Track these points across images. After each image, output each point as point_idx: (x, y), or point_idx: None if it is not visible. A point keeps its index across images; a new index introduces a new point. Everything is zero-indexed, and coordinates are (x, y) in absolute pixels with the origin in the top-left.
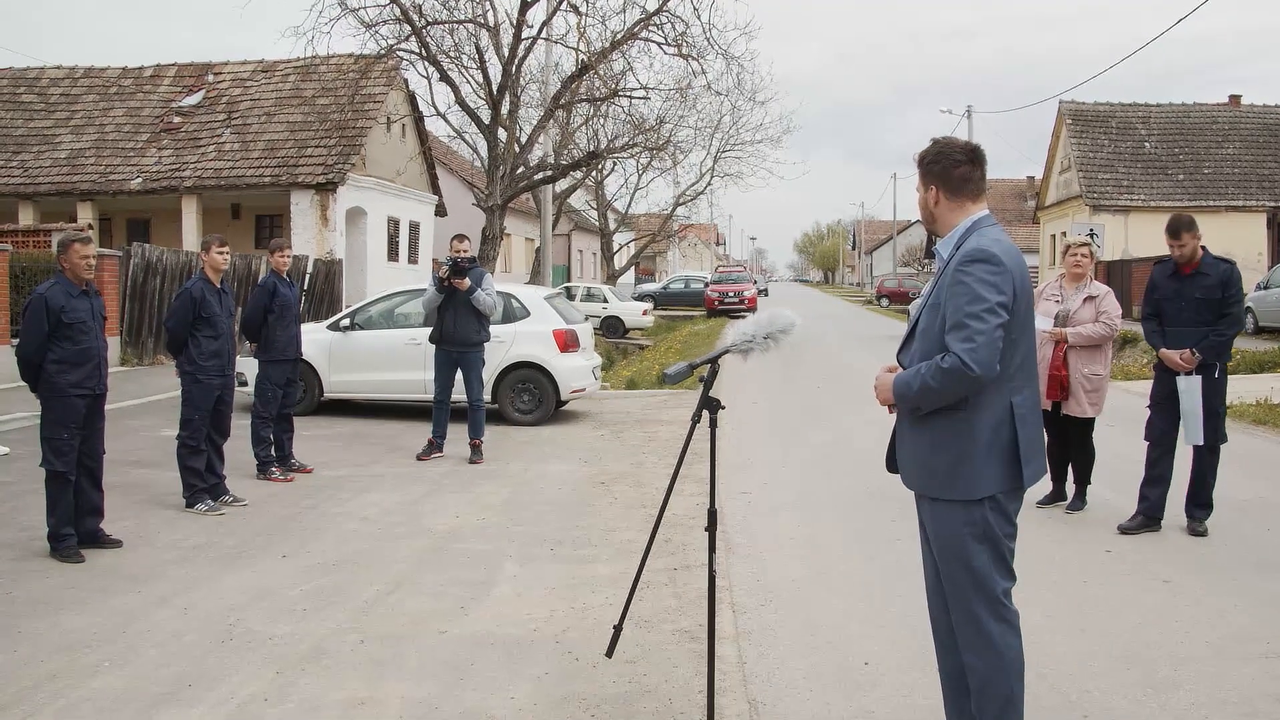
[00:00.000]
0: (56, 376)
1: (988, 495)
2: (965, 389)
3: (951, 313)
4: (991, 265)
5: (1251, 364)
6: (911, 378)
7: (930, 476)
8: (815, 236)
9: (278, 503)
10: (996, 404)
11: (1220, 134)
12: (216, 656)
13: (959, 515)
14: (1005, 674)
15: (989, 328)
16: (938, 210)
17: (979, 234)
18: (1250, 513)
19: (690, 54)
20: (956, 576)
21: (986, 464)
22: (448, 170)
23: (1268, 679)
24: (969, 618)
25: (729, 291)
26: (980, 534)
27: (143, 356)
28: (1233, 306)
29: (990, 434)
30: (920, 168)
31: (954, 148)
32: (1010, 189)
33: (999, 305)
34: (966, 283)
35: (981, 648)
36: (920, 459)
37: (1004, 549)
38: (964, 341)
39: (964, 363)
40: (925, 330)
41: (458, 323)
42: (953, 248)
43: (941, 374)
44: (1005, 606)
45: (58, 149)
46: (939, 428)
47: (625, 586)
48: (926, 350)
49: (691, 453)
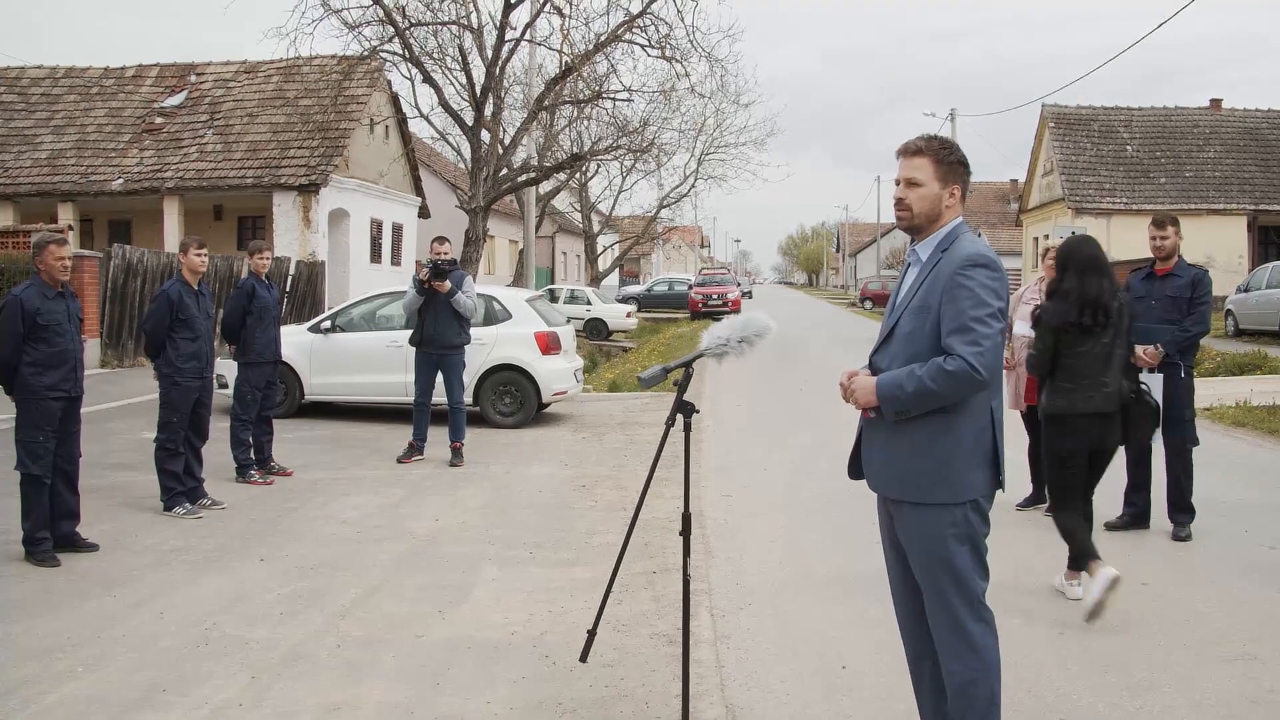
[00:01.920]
0: (32, 379)
1: (969, 499)
2: (968, 392)
3: (954, 316)
4: (992, 271)
5: (1231, 366)
6: (904, 380)
7: (910, 481)
8: (799, 239)
9: (257, 506)
10: (980, 408)
11: (1202, 137)
12: (192, 661)
13: (942, 518)
14: (986, 675)
15: (993, 332)
16: (947, 210)
17: (967, 238)
18: (1229, 515)
19: (674, 56)
20: (938, 579)
21: (970, 467)
22: (431, 172)
23: (1245, 681)
24: (950, 620)
25: (713, 294)
26: (962, 535)
27: (123, 359)
28: (1200, 306)
29: (974, 438)
30: (943, 163)
31: (963, 153)
32: (993, 192)
33: (1000, 311)
34: (970, 287)
35: (962, 650)
36: (898, 464)
37: (982, 549)
38: (970, 345)
39: (972, 366)
40: (912, 333)
41: (438, 325)
42: (935, 250)
43: (946, 377)
44: (984, 606)
45: (38, 149)
46: (922, 431)
47: (604, 590)
48: (913, 353)
49: (674, 456)
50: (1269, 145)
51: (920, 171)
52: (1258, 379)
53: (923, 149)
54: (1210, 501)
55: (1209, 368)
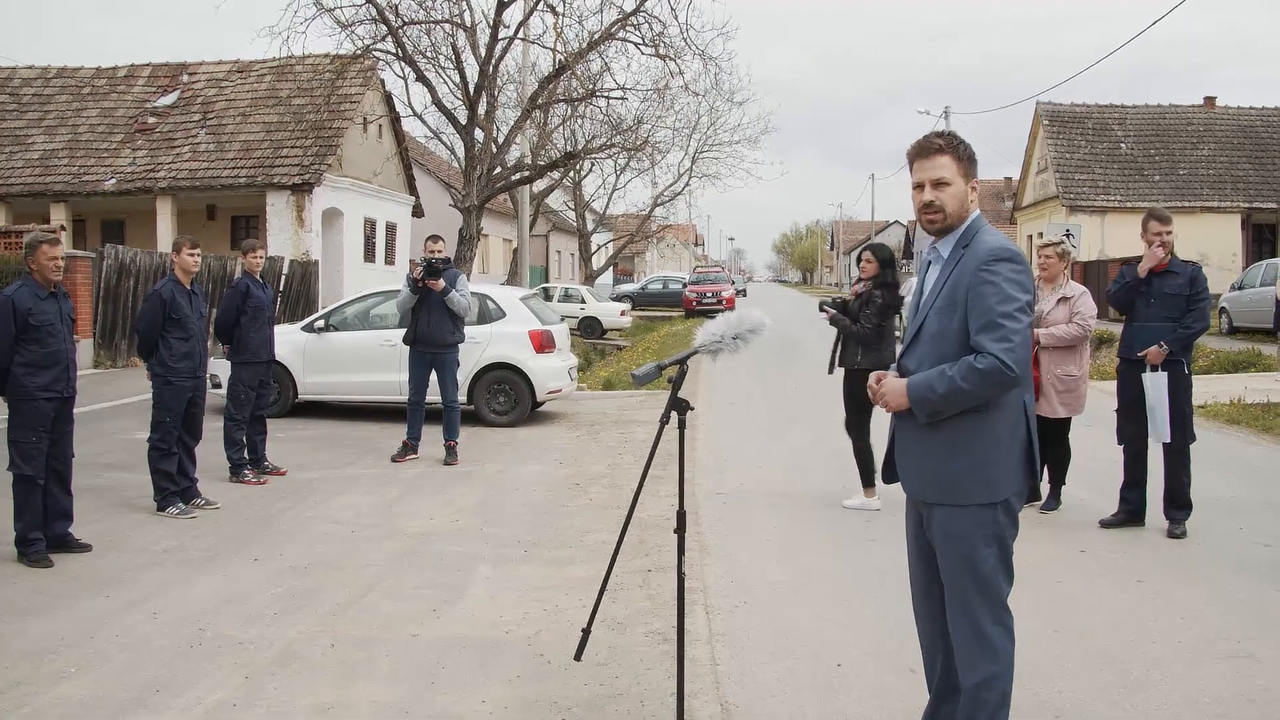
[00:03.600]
0: (24, 379)
1: (1003, 498)
2: (1002, 389)
3: (981, 312)
4: (1016, 264)
5: (1225, 364)
6: (936, 380)
7: (946, 482)
8: (794, 237)
9: (250, 505)
10: (1013, 404)
11: (1196, 135)
12: (185, 661)
13: (973, 518)
14: (1001, 676)
15: (1021, 327)
16: (971, 204)
17: (987, 232)
18: (1223, 512)
19: (667, 54)
20: (963, 580)
21: (1006, 465)
22: (425, 171)
23: (1240, 678)
24: (970, 622)
25: (707, 292)
26: (991, 536)
27: (116, 359)
28: (1199, 303)
29: (1009, 435)
30: (963, 158)
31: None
32: (988, 189)
33: (1027, 304)
34: (995, 282)
35: (980, 652)
36: (933, 465)
37: (1009, 551)
38: (1000, 341)
39: (1003, 363)
40: (940, 333)
41: (432, 324)
42: (956, 246)
43: (977, 375)
44: (1006, 610)
45: (30, 149)
46: (956, 432)
47: (599, 588)
48: (943, 353)
49: (669, 454)
50: (1263, 143)
51: (945, 170)
52: (1252, 376)
53: (944, 147)
54: (1205, 499)
55: (1204, 365)
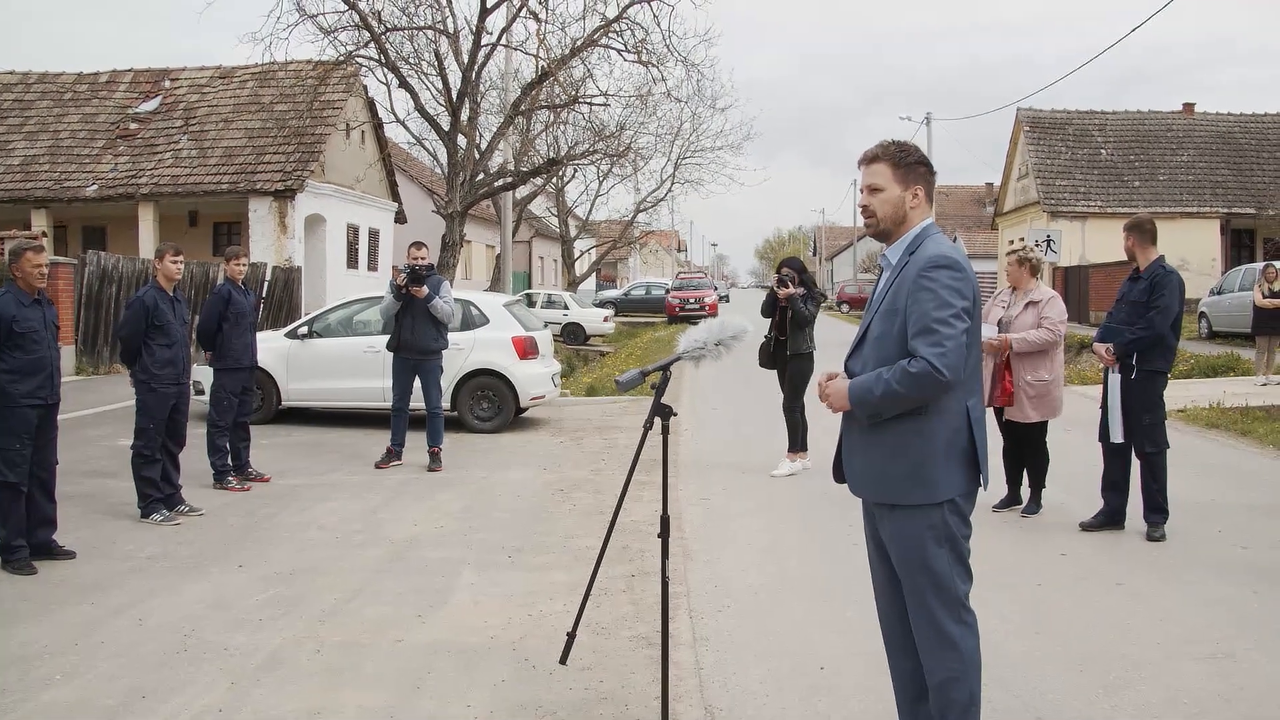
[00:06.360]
0: (8, 386)
1: (948, 499)
2: (933, 393)
3: (918, 318)
4: (956, 271)
5: (1205, 368)
6: (873, 383)
7: (888, 483)
8: (777, 242)
9: (234, 512)
10: (954, 408)
11: (1175, 141)
12: (171, 668)
13: (919, 519)
14: (966, 675)
15: (956, 333)
16: (912, 212)
17: (934, 240)
18: (1202, 515)
19: (650, 61)
20: (917, 581)
21: (946, 468)
22: (408, 177)
23: (1217, 678)
24: (930, 622)
25: (690, 298)
26: (940, 536)
27: (98, 365)
28: (1151, 310)
29: (949, 438)
30: (900, 165)
31: (923, 153)
32: (969, 195)
33: (964, 311)
34: (932, 288)
35: (942, 651)
36: (876, 467)
37: (963, 550)
38: (933, 346)
39: (934, 367)
40: (880, 337)
41: (415, 330)
42: (904, 253)
43: (910, 379)
44: (965, 609)
45: (11, 155)
46: (896, 434)
47: (583, 593)
48: (882, 357)
49: (652, 459)
50: (1241, 149)
51: (879, 177)
52: (1230, 380)
53: (879, 155)
54: (1184, 502)
55: (1183, 370)
